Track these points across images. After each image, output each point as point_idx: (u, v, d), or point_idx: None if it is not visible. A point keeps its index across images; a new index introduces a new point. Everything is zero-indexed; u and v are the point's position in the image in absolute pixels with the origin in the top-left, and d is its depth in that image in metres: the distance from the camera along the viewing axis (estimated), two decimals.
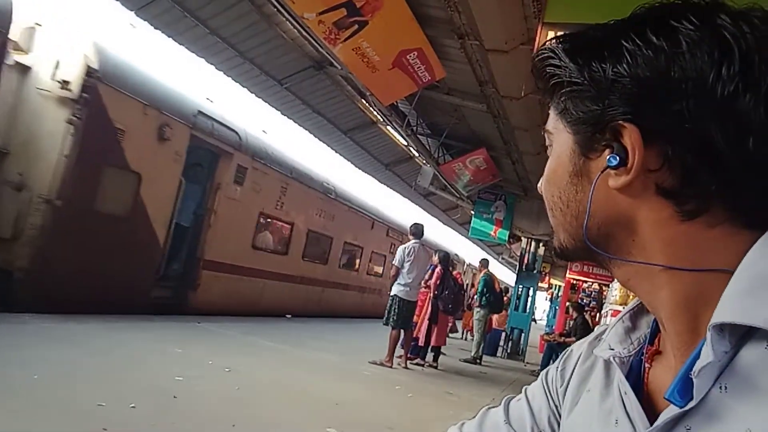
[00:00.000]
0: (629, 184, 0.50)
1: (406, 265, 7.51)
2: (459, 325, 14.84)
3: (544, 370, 0.74)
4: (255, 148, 9.55)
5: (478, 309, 10.70)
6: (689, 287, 0.49)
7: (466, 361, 9.95)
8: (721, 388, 0.44)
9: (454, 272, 9.53)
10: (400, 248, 7.65)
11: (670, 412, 0.47)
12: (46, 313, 5.81)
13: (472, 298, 12.12)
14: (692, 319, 0.49)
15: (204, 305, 8.70)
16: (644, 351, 0.58)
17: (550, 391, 0.71)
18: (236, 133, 9.05)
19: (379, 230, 15.84)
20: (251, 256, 9.93)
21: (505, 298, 12.72)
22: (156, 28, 7.40)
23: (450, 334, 14.05)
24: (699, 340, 0.47)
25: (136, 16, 7.10)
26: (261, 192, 9.80)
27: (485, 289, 10.59)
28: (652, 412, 0.51)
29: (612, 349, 0.60)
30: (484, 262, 11.46)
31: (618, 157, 0.50)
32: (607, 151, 0.51)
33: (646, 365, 0.56)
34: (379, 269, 16.67)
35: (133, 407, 3.48)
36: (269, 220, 10.51)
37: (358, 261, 15.12)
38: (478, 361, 10.11)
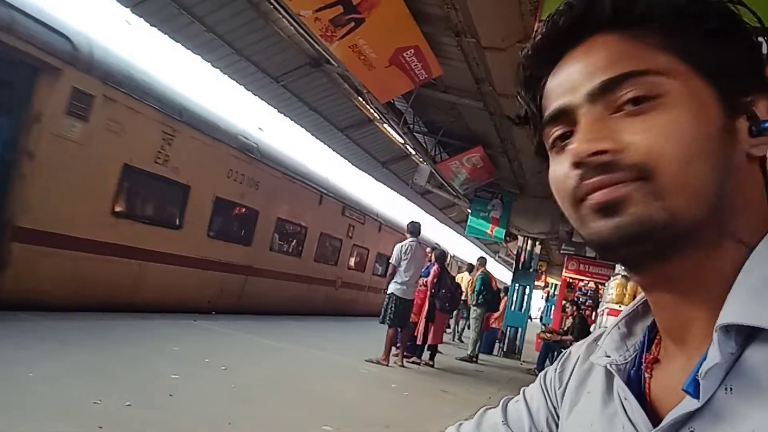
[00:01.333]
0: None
1: (403, 263, 7.50)
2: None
3: (543, 372, 0.73)
4: (109, 69, 6.58)
5: (475, 307, 10.72)
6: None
7: (462, 359, 9.96)
8: (726, 389, 0.43)
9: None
10: (397, 246, 7.64)
11: (674, 413, 0.46)
12: (41, 310, 5.78)
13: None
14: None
15: (21, 294, 5.87)
16: (642, 359, 0.57)
17: (548, 393, 0.70)
18: (68, 40, 6.02)
19: (330, 207, 12.93)
20: (114, 228, 7.01)
21: (502, 297, 12.76)
22: (152, 25, 7.38)
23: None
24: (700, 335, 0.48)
25: (131, 13, 7.08)
26: (125, 136, 6.82)
27: (482, 288, 10.61)
28: (654, 417, 0.50)
29: (608, 357, 0.59)
30: (482, 261, 11.48)
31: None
32: (743, 116, 0.49)
33: (646, 375, 0.56)
34: (333, 257, 13.91)
35: (128, 405, 3.47)
36: (145, 176, 7.42)
37: (299, 244, 12.09)
38: (474, 359, 10.12)
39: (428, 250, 8.69)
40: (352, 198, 14.18)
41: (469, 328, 11.87)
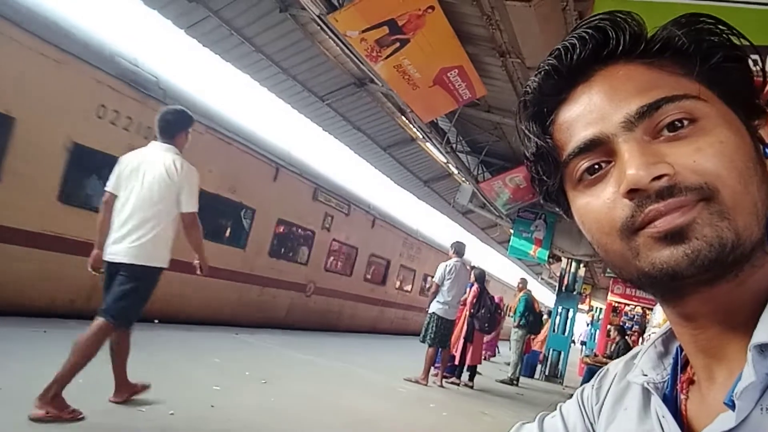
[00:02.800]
0: None
1: (447, 283, 7.46)
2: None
3: (580, 388, 0.73)
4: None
5: (516, 329, 10.54)
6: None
7: (502, 381, 9.79)
8: (762, 409, 0.43)
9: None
10: (442, 265, 7.61)
11: (710, 431, 0.46)
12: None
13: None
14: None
15: None
16: (678, 379, 0.57)
17: (585, 409, 0.70)
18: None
19: (290, 184, 9.81)
20: None
21: (545, 320, 12.50)
22: (204, 45, 7.66)
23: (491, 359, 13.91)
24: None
25: (186, 34, 7.37)
26: None
27: (525, 309, 10.43)
28: None
29: (645, 375, 0.60)
30: (523, 282, 11.31)
31: None
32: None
33: (682, 396, 0.56)
34: (304, 253, 10.85)
35: (172, 414, 3.55)
36: None
37: (247, 232, 9.14)
38: (515, 382, 9.93)
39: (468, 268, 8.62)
40: (332, 180, 11.32)
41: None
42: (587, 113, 0.52)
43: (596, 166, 0.52)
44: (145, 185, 3.48)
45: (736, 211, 0.45)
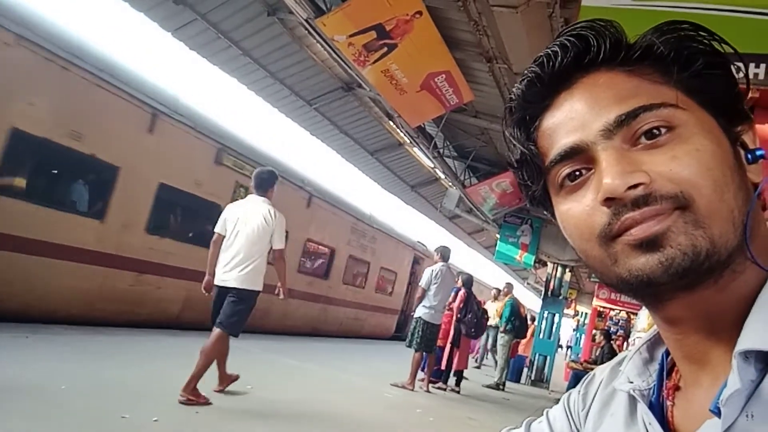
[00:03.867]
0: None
1: (433, 288, 7.47)
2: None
3: (566, 394, 0.74)
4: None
5: (503, 334, 10.57)
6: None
7: (488, 386, 9.80)
8: (747, 415, 0.43)
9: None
10: (428, 269, 7.62)
11: None
12: (77, 324, 5.91)
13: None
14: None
15: None
16: (664, 385, 0.57)
17: (571, 414, 0.71)
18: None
19: (178, 139, 7.59)
20: None
21: (530, 324, 12.56)
22: (191, 48, 7.62)
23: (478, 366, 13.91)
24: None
25: (173, 36, 7.33)
26: None
27: (511, 315, 10.46)
28: None
29: (631, 382, 0.60)
30: (509, 287, 11.35)
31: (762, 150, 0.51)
32: (737, 144, 0.51)
33: (668, 403, 0.56)
34: (207, 232, 6.03)
35: (156, 421, 3.51)
36: None
37: (107, 197, 6.77)
38: (501, 387, 9.95)
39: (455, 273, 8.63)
40: (251, 143, 9.20)
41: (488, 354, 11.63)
42: (568, 120, 0.52)
43: (577, 173, 0.52)
44: (248, 229, 4.61)
45: (711, 219, 0.45)
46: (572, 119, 0.52)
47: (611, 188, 0.47)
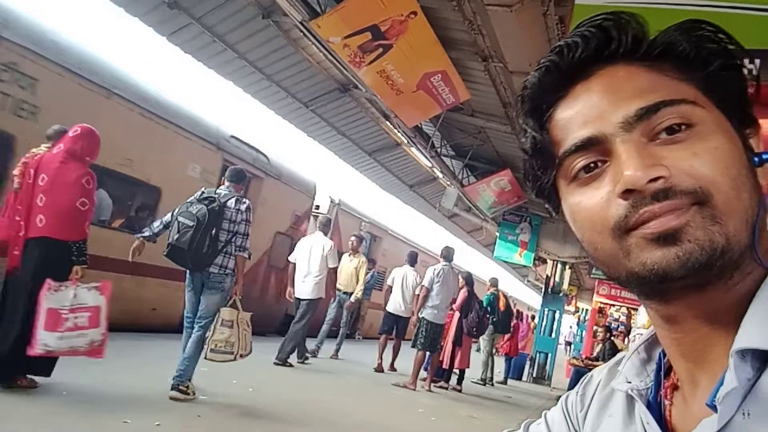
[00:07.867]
0: None
1: (435, 287, 7.48)
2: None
3: (564, 395, 0.73)
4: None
5: None
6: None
7: (475, 382, 9.79)
8: (744, 414, 0.43)
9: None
10: (430, 269, 7.63)
11: None
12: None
13: None
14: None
15: None
16: (662, 384, 0.58)
17: (570, 416, 0.71)
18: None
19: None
20: None
21: (514, 321, 11.88)
22: (186, 52, 7.61)
23: None
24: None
25: (168, 41, 7.32)
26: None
27: (489, 308, 9.79)
28: None
29: (629, 382, 0.60)
30: (493, 281, 10.86)
31: None
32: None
33: (666, 402, 0.56)
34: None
35: (158, 425, 3.51)
36: None
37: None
38: (487, 382, 9.94)
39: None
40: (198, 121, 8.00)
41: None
42: (585, 112, 0.52)
43: (592, 165, 0.51)
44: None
45: (727, 216, 0.45)
46: (589, 110, 0.52)
47: (632, 180, 0.46)
